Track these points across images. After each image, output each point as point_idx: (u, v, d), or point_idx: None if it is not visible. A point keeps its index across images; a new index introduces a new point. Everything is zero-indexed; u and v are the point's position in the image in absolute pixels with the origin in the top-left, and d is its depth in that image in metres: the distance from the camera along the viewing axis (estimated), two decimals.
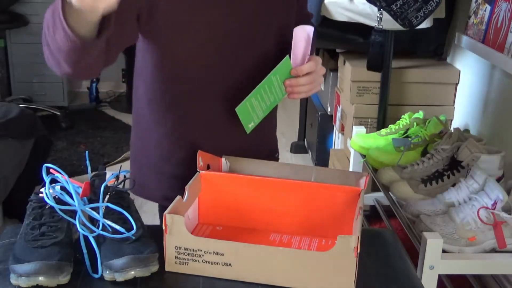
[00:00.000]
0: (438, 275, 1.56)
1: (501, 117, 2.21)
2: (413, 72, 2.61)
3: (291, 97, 1.34)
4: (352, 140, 2.29)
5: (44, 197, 1.11)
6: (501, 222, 1.54)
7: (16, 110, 2.76)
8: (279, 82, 1.30)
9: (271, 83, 1.29)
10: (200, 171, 1.29)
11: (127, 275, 1.04)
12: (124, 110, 4.50)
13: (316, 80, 1.35)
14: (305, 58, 1.31)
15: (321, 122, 3.25)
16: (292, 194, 1.27)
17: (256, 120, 1.33)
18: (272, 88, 1.30)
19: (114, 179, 1.17)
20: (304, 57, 1.31)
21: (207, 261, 1.09)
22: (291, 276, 1.07)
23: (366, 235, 1.15)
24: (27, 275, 1.01)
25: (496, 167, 1.79)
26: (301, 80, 1.31)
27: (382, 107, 2.45)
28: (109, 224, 1.09)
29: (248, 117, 1.31)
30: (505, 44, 2.01)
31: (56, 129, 4.07)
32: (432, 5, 2.07)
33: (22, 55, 4.38)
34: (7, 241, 1.19)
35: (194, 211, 1.28)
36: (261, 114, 1.34)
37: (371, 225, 2.48)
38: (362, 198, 1.21)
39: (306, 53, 1.31)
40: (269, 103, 1.33)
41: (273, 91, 1.31)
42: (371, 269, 1.15)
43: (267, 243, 1.22)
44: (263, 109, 1.33)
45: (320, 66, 1.35)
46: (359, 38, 2.68)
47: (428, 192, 1.81)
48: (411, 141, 2.07)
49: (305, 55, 1.31)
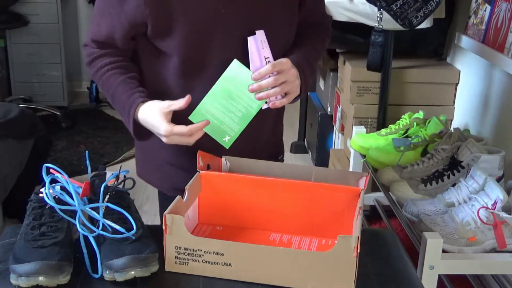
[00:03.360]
0: (438, 275, 1.56)
1: (501, 117, 2.21)
2: (413, 72, 2.60)
3: (271, 106, 1.31)
4: (352, 140, 2.29)
5: (44, 197, 1.11)
6: (501, 222, 1.54)
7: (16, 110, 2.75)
8: (241, 90, 1.28)
9: (227, 91, 1.27)
10: (200, 171, 1.29)
11: (127, 275, 1.04)
12: None
13: (288, 81, 1.29)
14: (263, 63, 1.29)
15: (321, 122, 3.25)
16: (292, 194, 1.27)
17: (231, 133, 1.30)
18: (233, 97, 1.28)
19: (114, 179, 1.17)
20: (262, 62, 1.29)
21: (207, 261, 1.09)
22: (291, 276, 1.07)
23: (366, 235, 1.15)
24: (27, 275, 1.01)
25: (496, 167, 1.79)
26: (263, 83, 1.28)
27: (382, 107, 2.45)
28: (109, 224, 1.09)
29: (218, 131, 1.29)
30: (505, 44, 2.00)
31: (56, 129, 4.07)
32: (432, 5, 2.07)
33: (22, 55, 4.37)
34: (7, 241, 1.19)
35: (194, 211, 1.28)
36: (236, 126, 1.29)
37: (371, 225, 2.48)
38: (362, 198, 1.21)
39: (262, 59, 1.29)
40: (241, 114, 1.29)
41: (239, 100, 1.28)
42: (371, 269, 1.16)
43: (267, 243, 1.23)
44: (235, 121, 1.29)
45: (288, 67, 1.30)
46: (359, 38, 2.67)
47: (428, 192, 1.81)
48: (411, 141, 2.07)
49: (262, 61, 1.29)
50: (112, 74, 1.35)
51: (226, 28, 1.31)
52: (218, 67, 1.30)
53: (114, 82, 1.34)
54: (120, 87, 1.34)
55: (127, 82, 1.34)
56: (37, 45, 4.34)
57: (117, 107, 1.36)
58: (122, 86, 1.34)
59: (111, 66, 1.36)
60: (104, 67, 1.36)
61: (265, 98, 1.29)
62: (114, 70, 1.35)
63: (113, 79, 1.35)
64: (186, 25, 1.28)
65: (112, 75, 1.35)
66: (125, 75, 1.35)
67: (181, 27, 1.28)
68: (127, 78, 1.35)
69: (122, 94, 1.33)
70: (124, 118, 1.35)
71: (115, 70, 1.35)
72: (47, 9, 4.29)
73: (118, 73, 1.35)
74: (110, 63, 1.36)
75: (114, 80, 1.34)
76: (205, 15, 1.29)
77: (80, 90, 4.91)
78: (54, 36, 4.33)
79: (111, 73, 1.35)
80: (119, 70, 1.35)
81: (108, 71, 1.35)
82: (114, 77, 1.35)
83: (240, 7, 1.31)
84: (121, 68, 1.36)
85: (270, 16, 1.34)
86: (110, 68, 1.36)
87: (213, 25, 1.30)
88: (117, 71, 1.35)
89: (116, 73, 1.35)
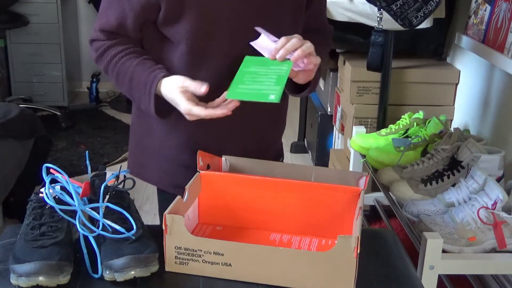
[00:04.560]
0: (438, 275, 1.56)
1: (501, 117, 2.21)
2: (413, 72, 2.60)
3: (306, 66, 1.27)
4: (352, 140, 2.29)
5: (44, 197, 1.11)
6: (501, 222, 1.54)
7: (16, 110, 2.75)
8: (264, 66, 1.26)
9: (251, 73, 1.25)
10: (200, 171, 1.29)
11: (127, 275, 1.04)
12: (124, 110, 4.50)
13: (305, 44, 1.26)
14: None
15: (321, 122, 3.25)
16: (292, 194, 1.27)
17: (275, 92, 1.21)
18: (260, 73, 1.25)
19: (114, 179, 1.17)
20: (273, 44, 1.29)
21: (207, 261, 1.09)
22: (291, 276, 1.07)
23: (366, 235, 1.15)
24: (27, 275, 1.01)
25: (496, 167, 1.79)
26: (288, 46, 1.25)
27: (382, 107, 2.45)
28: (109, 224, 1.09)
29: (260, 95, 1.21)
30: (505, 44, 2.00)
31: (56, 129, 4.07)
32: (432, 5, 2.07)
33: (22, 55, 4.37)
34: (7, 241, 1.19)
35: (194, 211, 1.28)
36: (275, 87, 1.22)
37: (371, 225, 2.48)
38: (362, 198, 1.21)
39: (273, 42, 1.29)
40: (275, 78, 1.23)
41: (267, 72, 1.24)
42: (371, 269, 1.15)
43: (267, 243, 1.23)
44: (272, 84, 1.23)
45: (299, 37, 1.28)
46: (359, 38, 2.67)
47: (428, 192, 1.81)
48: (411, 141, 2.07)
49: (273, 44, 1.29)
50: (128, 59, 1.33)
51: (235, 20, 1.31)
52: (225, 58, 1.31)
53: (130, 65, 1.33)
54: (138, 68, 1.32)
55: (145, 62, 1.33)
56: (37, 45, 4.34)
57: (135, 89, 1.33)
58: (140, 66, 1.32)
59: (124, 52, 1.34)
60: (117, 55, 1.34)
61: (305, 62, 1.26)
62: (129, 55, 1.34)
63: (129, 63, 1.33)
64: (197, 12, 1.28)
65: (127, 60, 1.33)
66: (141, 57, 1.34)
67: (192, 14, 1.28)
68: (144, 60, 1.33)
69: (141, 74, 1.31)
70: (143, 97, 1.32)
71: (130, 55, 1.34)
72: (47, 9, 4.29)
73: (134, 57, 1.34)
74: (123, 50, 1.34)
75: (130, 64, 1.33)
76: (216, 4, 1.29)
77: (80, 90, 4.91)
78: (54, 36, 4.33)
79: (126, 58, 1.33)
80: (134, 55, 1.34)
81: (122, 57, 1.34)
82: (130, 61, 1.33)
83: (251, 0, 1.32)
84: (135, 53, 1.35)
85: (278, 11, 1.35)
86: (124, 54, 1.34)
87: (222, 15, 1.30)
88: (132, 55, 1.34)
89: (131, 57, 1.33)
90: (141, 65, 1.32)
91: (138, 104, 1.37)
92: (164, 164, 1.47)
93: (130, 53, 1.34)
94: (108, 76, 1.39)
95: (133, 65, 1.33)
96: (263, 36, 1.31)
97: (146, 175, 1.51)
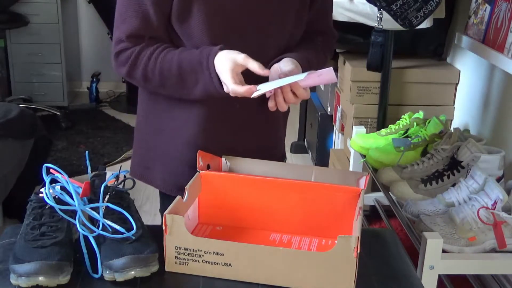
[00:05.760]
0: (438, 275, 1.56)
1: (501, 117, 2.21)
2: (413, 72, 2.60)
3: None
4: (352, 140, 2.29)
5: (44, 197, 1.11)
6: (501, 222, 1.54)
7: (16, 110, 2.75)
8: None
9: None
10: (200, 171, 1.29)
11: (127, 275, 1.04)
12: (124, 110, 4.50)
13: None
14: None
15: (321, 122, 3.25)
16: (292, 194, 1.27)
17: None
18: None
19: (114, 179, 1.17)
20: None
21: (207, 261, 1.09)
22: (291, 276, 1.07)
23: (366, 235, 1.15)
24: (27, 275, 1.01)
25: (496, 167, 1.79)
26: None
27: (382, 107, 2.45)
28: (109, 224, 1.09)
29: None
30: (505, 44, 2.00)
31: (56, 129, 4.07)
32: (432, 5, 2.07)
33: (22, 55, 4.37)
34: (7, 241, 1.19)
35: (194, 211, 1.28)
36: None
37: (371, 225, 2.48)
38: (362, 198, 1.21)
39: None
40: None
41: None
42: (371, 269, 1.16)
43: (267, 243, 1.23)
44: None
45: None
46: (359, 38, 2.67)
47: (428, 192, 1.81)
48: (411, 141, 2.07)
49: None
50: (167, 52, 1.30)
51: (242, 17, 1.32)
52: None
53: (174, 55, 1.29)
54: (184, 53, 1.29)
55: (187, 48, 1.31)
56: (37, 45, 4.33)
57: (188, 73, 1.29)
58: (185, 52, 1.29)
59: (160, 49, 1.30)
60: (154, 53, 1.30)
61: None
62: (166, 49, 1.30)
63: (170, 55, 1.29)
64: (205, 8, 1.28)
65: (167, 53, 1.30)
66: (179, 48, 1.32)
67: (199, 10, 1.28)
68: (184, 48, 1.31)
69: (191, 56, 1.28)
70: (201, 75, 1.28)
71: (167, 49, 1.30)
72: (47, 9, 4.29)
73: (172, 49, 1.31)
74: (157, 48, 1.30)
75: (173, 55, 1.29)
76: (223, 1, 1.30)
77: (80, 90, 4.91)
78: (54, 36, 4.33)
79: (165, 52, 1.30)
80: (170, 48, 1.31)
81: (161, 52, 1.30)
82: (170, 53, 1.30)
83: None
84: (170, 47, 1.32)
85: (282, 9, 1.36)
86: (161, 50, 1.30)
87: (230, 12, 1.31)
88: (169, 49, 1.31)
89: (170, 50, 1.30)
90: (186, 51, 1.30)
91: (193, 87, 1.30)
92: (170, 165, 1.45)
93: (166, 48, 1.31)
94: (148, 83, 1.34)
95: (177, 53, 1.29)
96: None
97: (150, 178, 1.49)
